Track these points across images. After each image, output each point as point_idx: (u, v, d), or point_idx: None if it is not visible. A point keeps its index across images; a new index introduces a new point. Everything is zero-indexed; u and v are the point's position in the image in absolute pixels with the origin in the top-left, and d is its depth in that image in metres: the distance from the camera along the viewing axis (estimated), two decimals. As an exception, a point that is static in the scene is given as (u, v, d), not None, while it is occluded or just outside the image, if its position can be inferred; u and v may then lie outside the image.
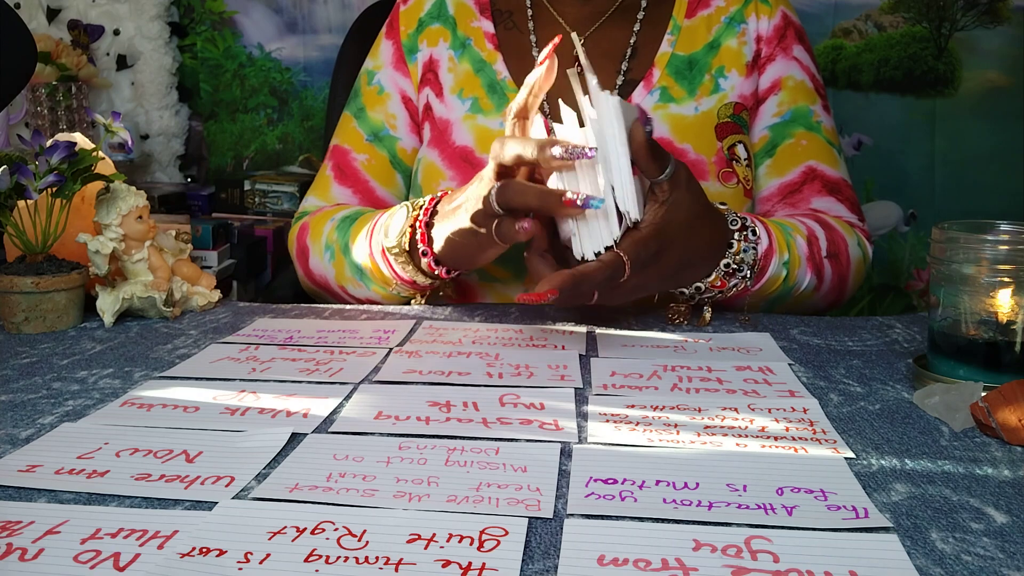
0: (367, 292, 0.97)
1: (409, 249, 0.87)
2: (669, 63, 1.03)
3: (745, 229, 0.84)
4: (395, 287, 0.93)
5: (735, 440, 0.58)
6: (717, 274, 0.83)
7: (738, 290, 0.86)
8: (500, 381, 0.70)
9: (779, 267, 0.89)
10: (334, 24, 2.20)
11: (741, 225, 0.84)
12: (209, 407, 0.65)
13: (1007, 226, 0.68)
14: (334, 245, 0.99)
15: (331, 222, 1.01)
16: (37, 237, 0.86)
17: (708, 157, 1.00)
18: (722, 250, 0.83)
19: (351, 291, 0.99)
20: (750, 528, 0.46)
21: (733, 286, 0.85)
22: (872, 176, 2.12)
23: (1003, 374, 0.65)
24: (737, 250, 0.83)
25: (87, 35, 2.09)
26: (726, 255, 0.83)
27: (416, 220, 0.86)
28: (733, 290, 0.85)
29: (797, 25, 1.09)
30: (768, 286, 0.90)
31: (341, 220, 1.00)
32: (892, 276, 2.18)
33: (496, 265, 1.01)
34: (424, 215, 0.86)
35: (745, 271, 0.84)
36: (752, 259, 0.85)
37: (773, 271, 0.89)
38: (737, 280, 0.85)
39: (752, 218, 0.87)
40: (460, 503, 0.49)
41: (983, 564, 0.43)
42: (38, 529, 0.46)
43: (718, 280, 0.84)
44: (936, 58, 2.09)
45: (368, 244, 0.93)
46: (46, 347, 0.80)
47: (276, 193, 2.10)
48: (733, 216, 0.85)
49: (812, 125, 1.05)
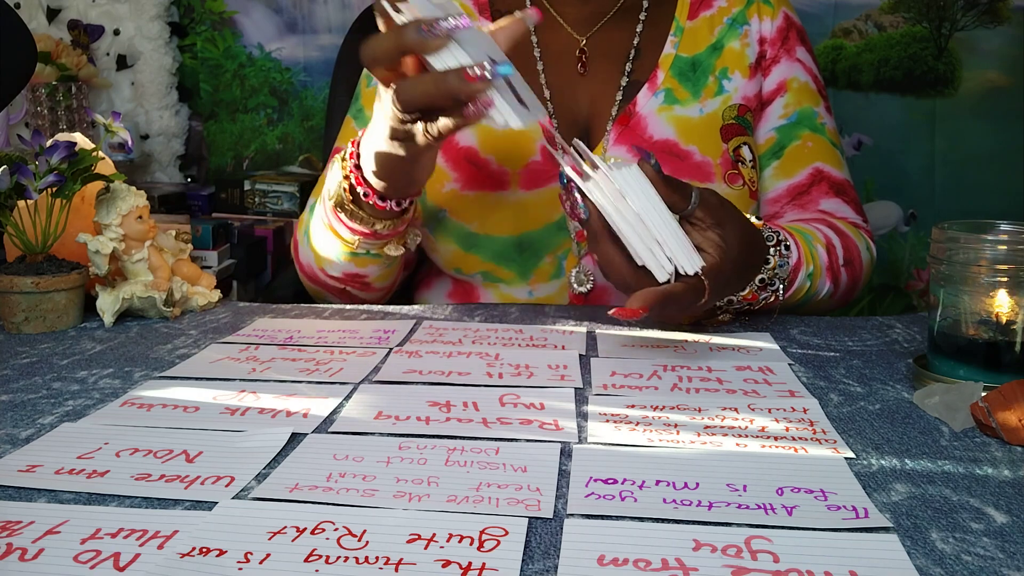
0: (342, 264, 0.95)
1: (352, 198, 0.87)
2: (673, 65, 1.03)
3: (780, 244, 0.85)
4: (359, 244, 0.90)
5: (735, 440, 0.58)
6: (751, 288, 0.83)
7: (767, 303, 0.86)
8: (500, 381, 0.70)
9: (804, 278, 0.91)
10: (334, 24, 2.20)
11: (776, 240, 0.84)
12: (209, 407, 0.65)
13: (1007, 226, 0.68)
14: (308, 228, 0.99)
15: (307, 210, 1.02)
16: (37, 237, 0.86)
17: (714, 159, 1.00)
18: (760, 266, 0.83)
19: (329, 271, 0.98)
20: (750, 528, 0.46)
21: (763, 299, 0.85)
22: (872, 176, 2.11)
23: (1003, 374, 0.65)
24: (773, 265, 0.83)
25: (87, 35, 2.09)
26: (762, 270, 0.83)
27: (346, 169, 0.86)
28: (763, 303, 0.85)
29: (799, 26, 1.09)
30: (793, 296, 0.91)
31: (313, 203, 1.00)
32: (892, 276, 2.18)
33: (499, 265, 1.01)
34: (351, 159, 0.86)
35: (777, 285, 0.85)
36: (785, 273, 0.85)
37: (799, 283, 0.90)
38: (768, 293, 0.85)
39: (783, 231, 0.87)
40: (460, 503, 0.49)
41: (983, 564, 0.43)
42: (38, 529, 0.46)
43: (750, 293, 0.84)
44: (936, 58, 2.09)
45: (323, 213, 0.92)
46: (46, 347, 0.80)
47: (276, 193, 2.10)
48: (768, 232, 0.84)
49: (817, 127, 1.05)
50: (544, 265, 1.01)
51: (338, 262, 0.95)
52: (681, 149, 0.99)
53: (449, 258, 1.03)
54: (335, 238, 0.92)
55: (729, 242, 0.74)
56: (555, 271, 1.01)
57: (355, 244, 0.91)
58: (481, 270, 1.02)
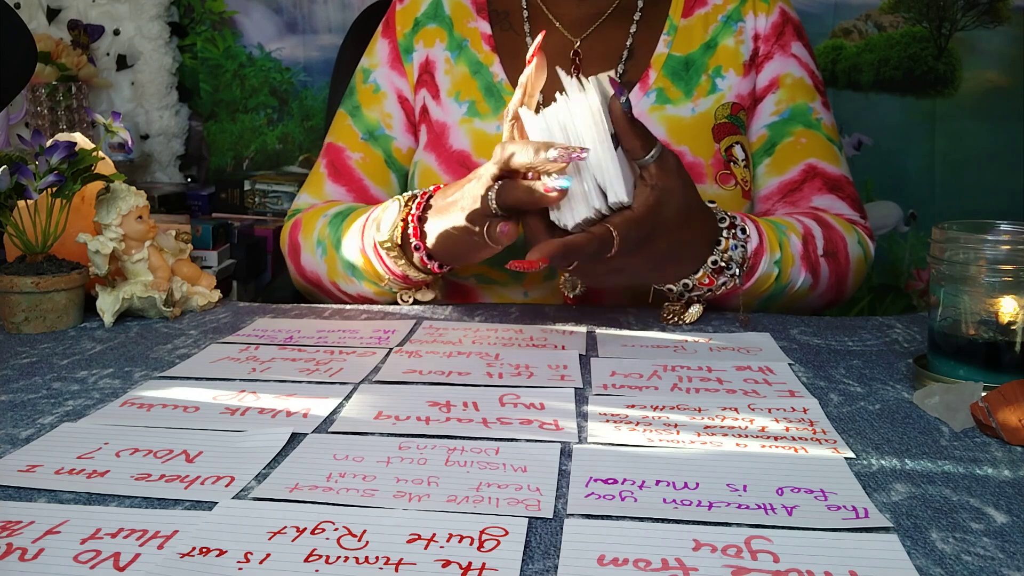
0: (359, 288, 0.97)
1: (401, 243, 0.87)
2: (665, 64, 1.02)
3: (734, 227, 0.85)
4: (387, 283, 0.93)
5: (735, 440, 0.58)
6: (704, 271, 0.83)
7: (727, 288, 0.86)
8: (500, 381, 0.70)
9: (770, 266, 0.89)
10: (334, 24, 2.20)
11: (730, 223, 0.85)
12: (209, 407, 0.65)
13: (1007, 226, 0.68)
14: (326, 241, 0.99)
15: (323, 218, 1.01)
16: (37, 237, 0.86)
17: (705, 159, 0.99)
18: (710, 247, 0.83)
19: (343, 287, 0.99)
20: (750, 528, 0.46)
21: (722, 284, 0.85)
22: (872, 176, 2.12)
23: (1003, 374, 0.65)
24: (725, 247, 0.83)
25: (87, 35, 2.09)
26: (713, 252, 0.83)
27: (408, 214, 0.86)
28: (722, 288, 0.85)
29: (796, 21, 1.08)
30: (759, 284, 0.90)
31: (333, 216, 1.00)
32: (892, 276, 2.18)
33: (493, 268, 1.01)
34: (417, 209, 0.86)
35: (734, 269, 0.84)
36: (741, 257, 0.85)
37: (764, 269, 0.89)
38: (726, 278, 0.84)
39: (742, 217, 0.88)
40: (460, 503, 0.49)
41: (983, 564, 0.43)
42: (38, 529, 0.46)
43: (706, 277, 0.84)
44: (936, 58, 2.09)
45: (360, 239, 0.93)
46: (46, 347, 0.80)
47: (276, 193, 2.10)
48: (722, 214, 0.85)
49: (812, 122, 1.04)
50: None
51: (358, 285, 0.97)
52: (672, 149, 0.99)
53: None
54: (366, 268, 0.93)
55: (665, 206, 0.75)
56: (548, 272, 1.01)
57: (385, 281, 0.93)
58: (474, 273, 1.02)
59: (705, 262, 0.83)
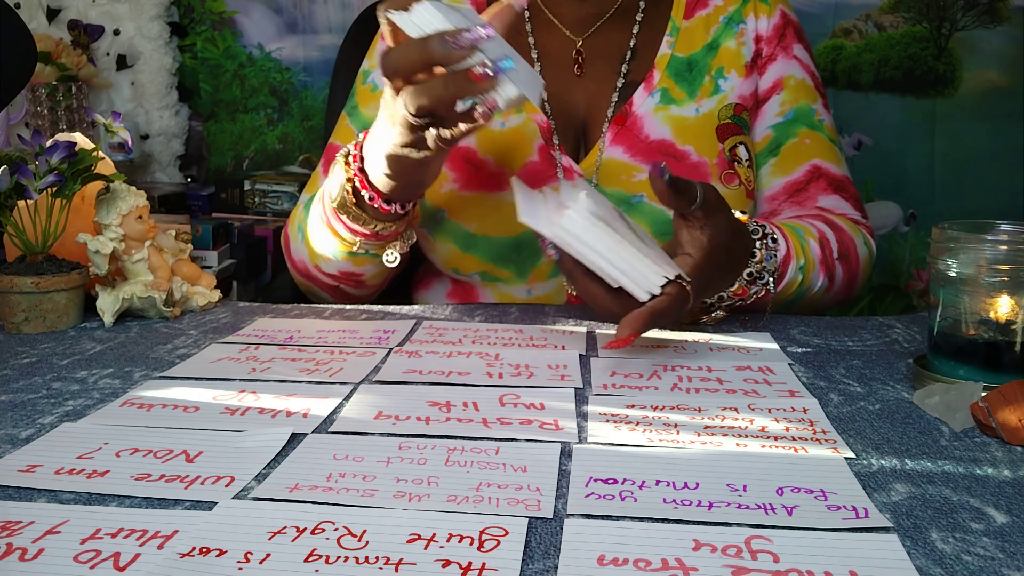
0: (338, 263, 0.96)
1: (356, 200, 0.87)
2: (669, 65, 1.03)
3: (765, 237, 0.85)
4: (359, 245, 0.91)
5: (735, 440, 0.58)
6: (740, 283, 0.83)
7: (758, 297, 0.86)
8: (500, 381, 0.70)
9: (796, 272, 0.90)
10: (334, 24, 2.21)
11: (762, 233, 0.85)
12: (209, 407, 0.64)
13: (1007, 226, 0.68)
14: (303, 225, 0.99)
15: (302, 205, 1.02)
16: (37, 237, 0.86)
17: (710, 159, 0.99)
18: (746, 259, 0.83)
19: (324, 268, 0.98)
20: (750, 528, 0.46)
21: (754, 293, 0.85)
22: (872, 176, 2.12)
23: (1003, 374, 0.65)
24: (760, 259, 0.84)
25: (87, 35, 2.09)
26: (749, 264, 0.83)
27: (349, 171, 0.86)
28: (753, 297, 0.85)
29: (796, 23, 1.08)
30: (785, 291, 0.91)
31: (308, 200, 1.01)
32: (892, 276, 2.18)
33: (497, 265, 1.01)
34: (355, 161, 0.86)
35: (767, 278, 0.85)
36: (774, 266, 0.85)
37: (791, 276, 0.90)
38: (758, 288, 0.85)
39: (770, 224, 0.88)
40: (460, 503, 0.49)
41: (983, 564, 0.43)
42: (38, 529, 0.46)
43: (740, 288, 0.84)
44: (936, 58, 2.09)
45: (322, 211, 0.92)
46: (46, 347, 0.80)
47: (276, 193, 2.10)
48: (753, 225, 0.85)
49: (814, 124, 1.05)
50: (542, 265, 1.01)
51: (335, 260, 0.95)
52: (678, 149, 0.99)
53: (447, 258, 1.03)
54: (334, 237, 0.92)
55: (715, 241, 0.76)
56: (553, 270, 1.01)
57: (355, 245, 0.91)
58: (479, 270, 1.02)
59: (741, 275, 0.83)
